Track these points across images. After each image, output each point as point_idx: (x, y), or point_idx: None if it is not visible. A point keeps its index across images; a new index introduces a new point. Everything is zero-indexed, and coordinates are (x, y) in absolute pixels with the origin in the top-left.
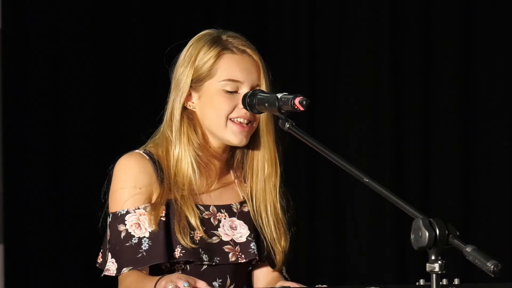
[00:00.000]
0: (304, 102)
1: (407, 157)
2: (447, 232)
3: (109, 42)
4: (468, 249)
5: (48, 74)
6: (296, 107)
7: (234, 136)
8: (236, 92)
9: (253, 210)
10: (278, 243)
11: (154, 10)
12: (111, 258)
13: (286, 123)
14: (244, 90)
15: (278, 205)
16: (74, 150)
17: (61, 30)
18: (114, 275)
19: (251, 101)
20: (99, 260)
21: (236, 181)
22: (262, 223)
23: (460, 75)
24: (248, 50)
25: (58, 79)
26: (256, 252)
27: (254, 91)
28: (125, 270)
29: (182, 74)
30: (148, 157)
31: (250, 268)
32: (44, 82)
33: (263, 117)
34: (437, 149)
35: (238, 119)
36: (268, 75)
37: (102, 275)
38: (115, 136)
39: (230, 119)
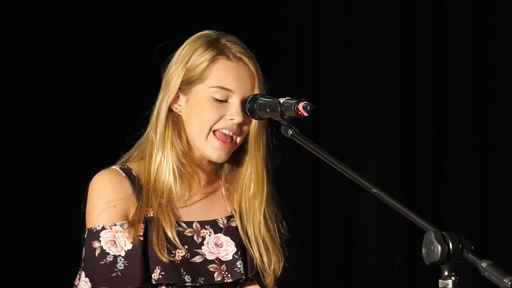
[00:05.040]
0: (308, 107)
1: (418, 165)
2: (460, 246)
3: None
4: (484, 264)
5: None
6: (299, 112)
7: (214, 152)
8: (225, 101)
9: (240, 227)
10: (268, 266)
11: (151, 13)
12: (85, 277)
13: (289, 130)
14: (234, 100)
15: (264, 227)
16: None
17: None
18: None
19: (251, 106)
20: (76, 282)
21: (224, 193)
22: (249, 242)
23: (475, 79)
24: (245, 59)
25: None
26: (242, 272)
27: (255, 96)
28: None
29: (174, 73)
30: (124, 173)
31: (238, 287)
32: (34, 85)
33: (252, 131)
34: (450, 157)
35: (223, 131)
36: (264, 86)
37: None
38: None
39: (214, 131)
